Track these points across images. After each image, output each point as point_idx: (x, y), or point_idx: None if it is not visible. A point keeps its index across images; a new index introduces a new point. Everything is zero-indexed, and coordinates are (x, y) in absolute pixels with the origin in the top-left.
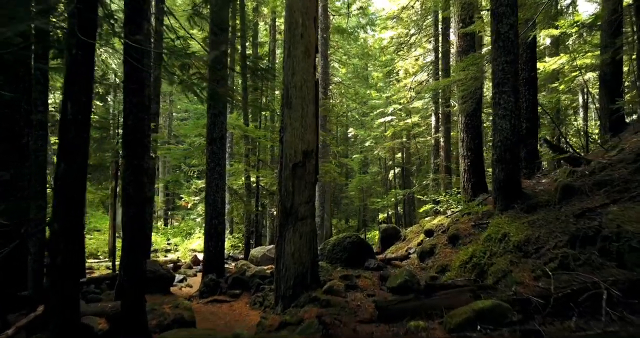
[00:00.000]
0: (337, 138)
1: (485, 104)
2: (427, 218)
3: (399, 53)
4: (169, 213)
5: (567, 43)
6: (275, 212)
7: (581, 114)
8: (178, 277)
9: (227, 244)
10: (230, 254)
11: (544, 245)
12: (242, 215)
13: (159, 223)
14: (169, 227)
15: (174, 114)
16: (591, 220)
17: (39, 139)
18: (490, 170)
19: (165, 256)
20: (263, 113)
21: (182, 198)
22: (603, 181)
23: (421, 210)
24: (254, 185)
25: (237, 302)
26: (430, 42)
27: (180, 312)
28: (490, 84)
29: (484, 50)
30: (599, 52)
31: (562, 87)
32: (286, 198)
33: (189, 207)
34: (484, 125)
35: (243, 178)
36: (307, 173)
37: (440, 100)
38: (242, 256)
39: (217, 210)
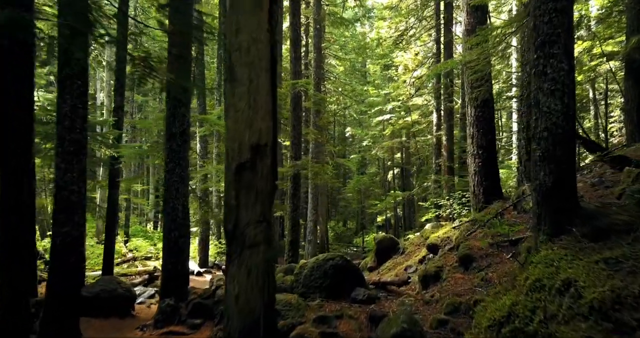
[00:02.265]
0: (335, 138)
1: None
2: (428, 227)
3: (397, 45)
4: (159, 215)
5: (579, 33)
6: None
7: (592, 110)
8: (149, 291)
9: (212, 251)
10: (216, 262)
11: None
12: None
13: (149, 227)
14: (158, 229)
15: None
16: None
17: None
18: (504, 171)
19: (145, 265)
20: None
21: None
22: None
23: (423, 219)
24: None
25: (196, 336)
26: (430, 35)
27: None
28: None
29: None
30: (624, 37)
31: (580, 77)
32: (228, 215)
33: None
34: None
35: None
36: (258, 178)
37: (442, 95)
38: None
39: (178, 221)
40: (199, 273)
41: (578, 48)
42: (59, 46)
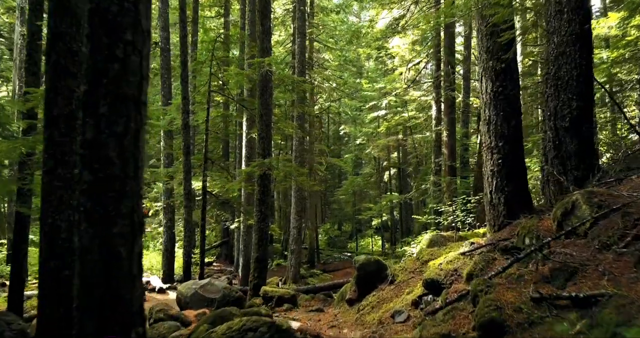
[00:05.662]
0: (329, 136)
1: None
2: (425, 241)
3: (392, 28)
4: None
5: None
6: (234, 226)
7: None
8: None
9: (178, 264)
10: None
11: None
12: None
13: None
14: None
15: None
16: None
17: None
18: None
19: None
20: (219, 99)
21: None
22: None
23: (418, 239)
24: (198, 191)
25: None
26: (429, 21)
27: None
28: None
29: None
30: None
31: (613, 55)
32: None
33: (149, 214)
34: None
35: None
36: None
37: (442, 83)
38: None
39: (60, 243)
40: (162, 290)
41: (610, 22)
42: None
